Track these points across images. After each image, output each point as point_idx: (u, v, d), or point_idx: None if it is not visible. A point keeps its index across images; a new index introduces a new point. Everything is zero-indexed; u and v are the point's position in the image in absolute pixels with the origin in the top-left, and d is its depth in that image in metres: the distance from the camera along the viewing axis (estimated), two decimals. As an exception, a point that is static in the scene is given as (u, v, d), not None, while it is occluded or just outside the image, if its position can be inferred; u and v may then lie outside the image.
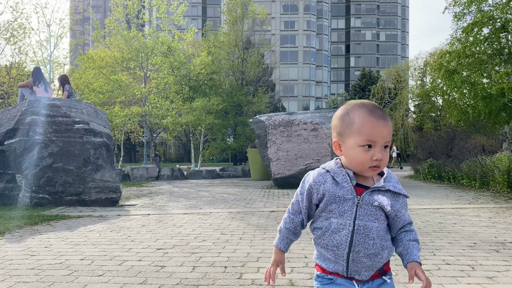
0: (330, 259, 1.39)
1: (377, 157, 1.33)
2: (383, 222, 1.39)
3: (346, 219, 1.35)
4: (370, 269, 1.37)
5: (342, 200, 1.36)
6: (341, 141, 1.39)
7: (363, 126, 1.34)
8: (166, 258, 3.87)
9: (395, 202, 1.39)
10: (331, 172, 1.40)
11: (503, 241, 4.49)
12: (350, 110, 1.39)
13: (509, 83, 13.63)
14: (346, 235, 1.35)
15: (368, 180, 1.39)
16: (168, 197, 9.65)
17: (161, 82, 20.38)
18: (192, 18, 77.99)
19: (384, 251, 1.38)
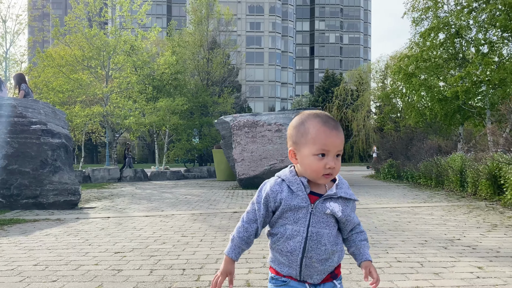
0: (284, 263, 1.44)
1: (330, 165, 1.39)
2: (333, 228, 1.45)
3: (300, 226, 1.41)
4: (322, 273, 1.44)
5: (297, 208, 1.42)
6: (296, 150, 1.45)
7: (318, 136, 1.40)
8: (123, 262, 3.83)
9: (345, 207, 1.46)
10: (286, 181, 1.45)
11: (452, 238, 4.73)
12: (305, 120, 1.44)
13: (462, 86, 14.31)
14: (300, 241, 1.41)
15: (321, 188, 1.46)
16: (130, 199, 9.50)
17: (123, 82, 19.97)
18: (157, 16, 76.86)
19: (334, 255, 1.45)
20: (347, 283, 3.09)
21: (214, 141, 23.66)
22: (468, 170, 9.77)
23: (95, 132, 27.78)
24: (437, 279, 3.15)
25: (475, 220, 6.00)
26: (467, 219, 6.06)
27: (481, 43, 15.07)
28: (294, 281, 1.43)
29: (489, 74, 14.34)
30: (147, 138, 43.31)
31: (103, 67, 20.03)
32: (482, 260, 3.69)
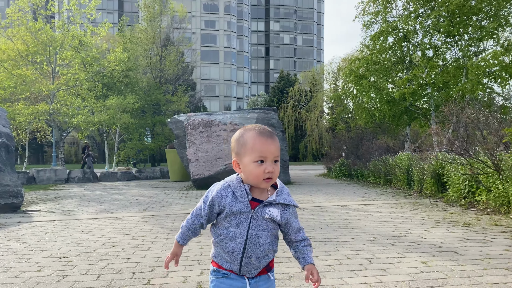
0: (226, 260, 1.61)
1: (269, 169, 1.55)
2: (272, 231, 1.61)
3: (241, 229, 1.58)
4: (259, 268, 1.62)
5: (238, 213, 1.58)
6: (239, 160, 1.61)
7: (255, 145, 1.56)
8: (69, 267, 3.65)
9: (285, 212, 1.61)
10: (232, 187, 1.61)
11: (398, 234, 4.91)
12: (243, 133, 1.62)
13: (409, 88, 14.92)
14: (240, 242, 1.58)
15: (263, 194, 1.62)
16: (78, 201, 9.12)
17: (71, 78, 19.15)
18: (108, 12, 74.38)
19: (270, 253, 1.62)
20: (298, 281, 3.12)
21: (167, 141, 23.26)
22: (414, 169, 10.21)
23: (40, 131, 26.45)
24: (385, 275, 3.26)
25: (420, 217, 6.27)
26: (413, 216, 6.32)
27: (427, 48, 15.79)
28: (235, 274, 1.61)
29: (434, 77, 15.05)
30: (97, 137, 41.83)
31: (49, 63, 19.13)
32: (426, 255, 3.85)
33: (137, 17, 32.67)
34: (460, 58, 15.53)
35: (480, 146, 7.12)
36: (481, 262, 3.56)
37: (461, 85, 14.25)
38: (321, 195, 9.75)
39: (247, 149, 1.57)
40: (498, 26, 14.34)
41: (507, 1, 14.35)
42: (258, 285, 1.62)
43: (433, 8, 15.53)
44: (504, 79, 14.49)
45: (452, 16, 14.64)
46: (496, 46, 15.23)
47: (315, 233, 5.03)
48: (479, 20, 14.95)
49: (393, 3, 17.22)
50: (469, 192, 7.43)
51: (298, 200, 8.79)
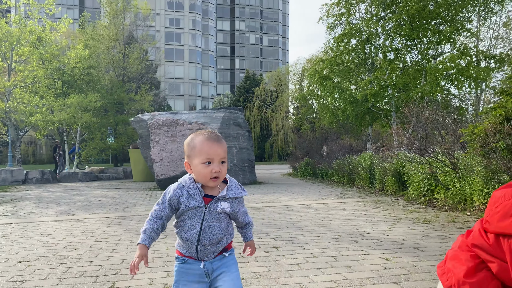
0: (185, 248, 1.83)
1: (215, 170, 1.74)
2: (224, 220, 1.83)
3: (196, 222, 1.78)
4: (215, 253, 1.83)
5: (193, 208, 1.78)
6: (190, 162, 1.80)
7: (203, 148, 1.76)
8: (28, 272, 3.50)
9: (233, 204, 1.84)
10: (186, 187, 1.80)
11: (362, 232, 5.03)
12: (193, 137, 1.81)
13: (371, 89, 15.31)
14: (195, 233, 1.78)
15: (214, 190, 1.81)
16: (36, 203, 8.77)
17: (29, 75, 18.36)
18: (68, 7, 71.93)
19: (223, 239, 1.83)
20: (266, 280, 3.14)
21: (130, 140, 22.76)
22: (376, 168, 10.49)
23: (-5, 130, 25.21)
24: (350, 272, 3.33)
25: (382, 214, 6.45)
26: (376, 214, 6.49)
27: (388, 50, 16.25)
28: (193, 259, 1.82)
29: (395, 79, 15.52)
30: (56, 137, 40.40)
31: (5, 59, 18.29)
32: (389, 252, 3.96)
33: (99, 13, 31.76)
34: (419, 60, 16.08)
35: (439, 145, 7.41)
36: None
37: (420, 87, 14.77)
38: (287, 194, 9.84)
39: (196, 152, 1.77)
40: (454, 30, 14.95)
41: (462, 7, 15.00)
42: (213, 265, 1.83)
43: (394, 12, 16.01)
44: (460, 81, 15.14)
45: (412, 20, 15.14)
46: (453, 50, 15.89)
47: (282, 232, 5.07)
48: (437, 25, 15.53)
49: (356, 6, 17.60)
50: (428, 190, 7.72)
51: (265, 199, 8.83)
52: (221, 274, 1.82)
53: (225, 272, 1.83)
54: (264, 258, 3.84)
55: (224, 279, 1.81)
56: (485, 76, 15.25)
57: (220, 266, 1.84)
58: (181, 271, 1.85)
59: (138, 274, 3.37)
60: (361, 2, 17.15)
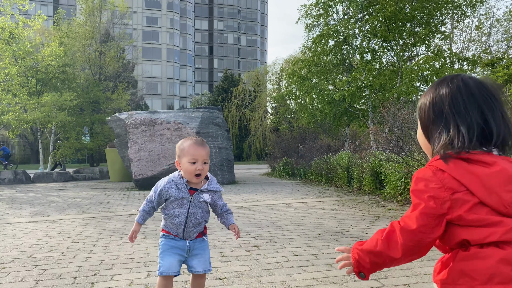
0: (173, 229, 2.36)
1: (199, 168, 2.25)
2: (205, 208, 2.40)
3: (183, 209, 2.33)
4: (196, 233, 2.39)
5: (181, 199, 2.32)
6: (179, 161, 2.32)
7: (189, 151, 2.27)
8: (2, 274, 3.40)
9: (213, 195, 2.39)
10: (175, 182, 2.33)
11: (342, 230, 5.09)
12: (183, 142, 2.33)
13: (349, 90, 15.51)
14: (183, 219, 2.33)
15: (198, 184, 2.35)
16: (9, 204, 8.53)
17: (1, 73, 17.82)
18: (42, 3, 70.13)
19: (203, 223, 2.41)
20: (247, 279, 3.14)
21: (107, 140, 22.37)
22: (354, 167, 10.63)
23: (-36, 129, 24.37)
24: (331, 269, 3.36)
25: (361, 213, 6.54)
26: (354, 213, 6.58)
27: (365, 51, 16.48)
28: (179, 238, 2.36)
29: (372, 79, 15.77)
30: (29, 136, 39.35)
31: (-24, 55, 17.70)
32: (368, 249, 4.02)
33: (74, 10, 31.10)
34: (395, 62, 16.39)
35: (415, 145, 7.56)
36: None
37: (396, 87, 15.04)
38: (266, 194, 9.87)
39: (185, 153, 2.27)
40: (429, 32, 15.28)
41: (437, 10, 15.35)
42: (195, 244, 2.39)
43: (371, 14, 16.25)
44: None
45: (388, 22, 15.40)
46: (428, 52, 16.24)
47: (262, 231, 5.08)
48: (413, 27, 15.85)
49: (334, 8, 17.78)
50: (405, 189, 7.87)
51: (244, 199, 8.84)
52: (198, 255, 2.38)
53: (200, 254, 2.39)
54: (245, 257, 3.84)
55: (200, 258, 2.38)
56: (458, 78, 15.63)
57: (198, 248, 2.39)
58: (168, 244, 2.36)
59: (117, 275, 3.32)
60: (338, 3, 17.34)
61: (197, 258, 2.38)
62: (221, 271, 3.38)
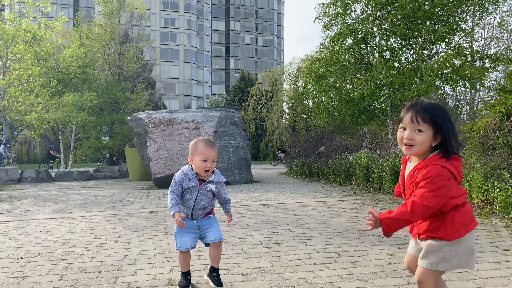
0: (183, 211, 2.89)
1: (208, 166, 2.79)
2: (210, 196, 2.92)
3: (193, 195, 2.87)
4: (202, 215, 2.93)
5: (192, 187, 2.86)
6: (192, 158, 2.82)
7: (201, 150, 2.78)
8: (28, 268, 3.46)
9: (217, 186, 2.92)
10: (187, 175, 2.87)
11: (363, 229, 5.03)
12: (196, 142, 2.83)
13: (367, 89, 15.34)
14: (192, 203, 2.88)
15: (206, 176, 2.87)
16: (32, 202, 8.70)
17: (24, 74, 18.23)
18: (62, 6, 71.47)
19: (209, 207, 2.94)
20: (270, 275, 3.12)
21: (126, 139, 22.65)
22: (373, 166, 10.50)
23: (-11, 129, 24.98)
24: (354, 267, 3.32)
25: (382, 212, 6.45)
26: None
27: (384, 50, 16.29)
28: (188, 218, 2.90)
29: (391, 78, 15.56)
30: (51, 136, 40.12)
31: (0, 57, 18.13)
32: (392, 248, 3.96)
33: (94, 12, 31.58)
34: (414, 60, 16.14)
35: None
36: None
37: (415, 86, 14.81)
38: (284, 193, 9.83)
39: (198, 153, 2.79)
40: (449, 30, 15.00)
41: (457, 7, 15.06)
42: (203, 222, 2.93)
43: (389, 12, 16.03)
44: (455, 81, 15.20)
45: (407, 19, 15.17)
46: (448, 50, 15.95)
47: (282, 229, 5.06)
48: (432, 24, 15.59)
49: (352, 6, 17.63)
50: (426, 188, 7.73)
51: (262, 197, 8.83)
52: (209, 228, 2.92)
53: (210, 228, 2.92)
54: (267, 254, 3.82)
55: (211, 230, 2.91)
56: (479, 76, 15.30)
57: (207, 223, 2.93)
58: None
59: (140, 270, 3.35)
60: (357, 2, 17.18)
61: (209, 231, 2.91)
62: (243, 267, 3.38)
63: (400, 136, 1.95)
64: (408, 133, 1.91)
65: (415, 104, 1.94)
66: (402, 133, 1.94)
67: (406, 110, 1.96)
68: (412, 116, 1.90)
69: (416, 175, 1.89)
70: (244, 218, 6.03)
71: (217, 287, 2.84)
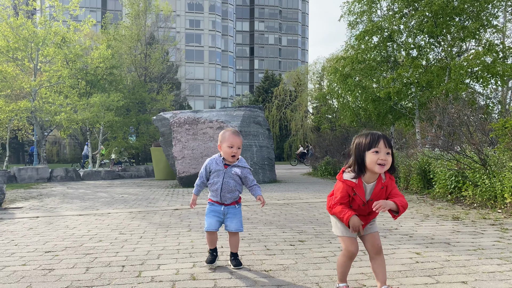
0: (214, 196, 3.29)
1: (234, 152, 3.18)
2: (237, 180, 3.26)
3: (220, 178, 3.23)
4: (230, 200, 3.27)
5: (218, 171, 3.24)
6: (221, 145, 3.22)
7: (228, 138, 3.18)
8: (55, 261, 3.53)
9: (243, 170, 3.27)
10: (215, 159, 3.29)
11: (389, 228, 4.91)
12: (224, 131, 3.22)
13: (394, 87, 15.04)
14: (219, 186, 3.23)
15: (232, 162, 3.24)
16: (61, 199, 8.91)
17: (54, 75, 18.75)
18: (91, 10, 73.29)
19: (236, 192, 3.28)
20: (293, 272, 3.08)
21: (152, 139, 22.99)
22: (400, 166, 10.28)
23: (21, 129, 25.84)
24: (380, 265, 3.23)
25: (409, 211, 6.29)
26: (402, 211, 6.33)
27: (411, 47, 15.94)
28: (217, 203, 3.27)
29: (418, 76, 15.21)
30: (79, 136, 41.15)
31: (31, 59, 18.72)
32: (419, 247, 3.85)
33: (121, 14, 32.21)
34: (443, 58, 15.73)
35: (467, 141, 7.20)
36: (474, 253, 3.57)
37: (444, 84, 14.42)
38: (309, 192, 9.74)
39: (225, 140, 3.19)
40: (480, 26, 14.56)
41: (488, 2, 14.59)
42: (229, 210, 3.27)
43: (417, 9, 15.68)
44: (486, 79, 14.73)
45: (435, 16, 14.80)
46: (478, 47, 15.47)
47: (306, 227, 4.99)
48: (462, 21, 15.16)
49: (378, 3, 17.33)
50: (455, 188, 7.51)
51: (286, 196, 8.76)
52: (231, 218, 3.26)
53: (232, 217, 3.26)
54: (290, 251, 3.78)
55: (232, 219, 3.25)
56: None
57: (231, 212, 3.26)
58: (209, 209, 3.31)
59: (164, 264, 3.36)
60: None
61: (230, 220, 3.25)
62: (266, 264, 3.34)
63: (375, 158, 2.37)
64: (382, 155, 2.36)
65: (380, 134, 2.45)
66: (376, 156, 2.37)
67: (376, 138, 2.41)
68: (385, 142, 2.41)
69: (384, 188, 2.45)
70: (267, 216, 5.99)
71: (236, 267, 3.24)
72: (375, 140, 2.42)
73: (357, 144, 2.51)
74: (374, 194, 2.46)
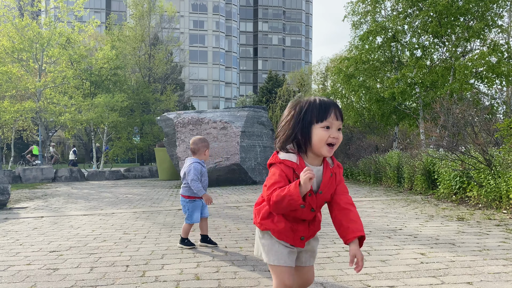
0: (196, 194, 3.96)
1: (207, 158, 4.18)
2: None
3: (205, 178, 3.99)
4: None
5: (205, 172, 3.98)
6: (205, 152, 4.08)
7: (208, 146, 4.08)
8: (60, 261, 3.54)
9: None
10: (200, 163, 3.95)
11: (394, 228, 4.89)
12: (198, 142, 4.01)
13: (398, 88, 14.99)
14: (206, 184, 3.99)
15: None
16: (66, 199, 8.94)
17: (58, 76, 18.83)
18: (95, 11, 73.55)
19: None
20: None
21: (156, 140, 23.04)
22: (404, 167, 10.24)
23: (26, 130, 25.96)
24: (385, 265, 3.22)
25: (413, 212, 6.27)
26: (406, 211, 6.32)
27: (415, 47, 15.89)
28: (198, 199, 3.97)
29: (422, 77, 15.15)
30: (84, 137, 41.27)
31: (36, 60, 18.80)
32: (424, 247, 3.83)
33: (125, 15, 32.31)
34: (447, 58, 15.66)
35: (471, 141, 7.16)
36: (480, 253, 3.54)
37: (448, 84, 14.37)
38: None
39: (208, 147, 4.01)
40: (485, 26, 14.49)
41: (493, 2, 14.51)
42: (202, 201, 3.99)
43: (421, 9, 15.63)
44: (490, 79, 14.66)
45: (440, 16, 14.75)
46: (483, 47, 15.39)
47: (310, 228, 4.98)
48: (466, 21, 15.09)
49: (382, 4, 17.29)
50: (460, 188, 7.47)
51: (290, 197, 8.74)
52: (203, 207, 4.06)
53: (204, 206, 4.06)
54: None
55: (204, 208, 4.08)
56: (517, 73, 14.67)
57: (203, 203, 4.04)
58: (196, 205, 3.98)
59: (168, 264, 3.36)
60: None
61: (203, 208, 4.04)
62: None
63: (325, 136, 1.68)
64: (334, 131, 1.69)
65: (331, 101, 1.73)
66: (327, 132, 1.68)
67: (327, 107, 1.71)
68: (336, 112, 1.70)
69: (333, 176, 1.81)
70: (271, 216, 5.98)
71: (214, 245, 3.96)
72: (327, 110, 1.71)
73: (299, 111, 1.72)
74: (324, 184, 1.80)
